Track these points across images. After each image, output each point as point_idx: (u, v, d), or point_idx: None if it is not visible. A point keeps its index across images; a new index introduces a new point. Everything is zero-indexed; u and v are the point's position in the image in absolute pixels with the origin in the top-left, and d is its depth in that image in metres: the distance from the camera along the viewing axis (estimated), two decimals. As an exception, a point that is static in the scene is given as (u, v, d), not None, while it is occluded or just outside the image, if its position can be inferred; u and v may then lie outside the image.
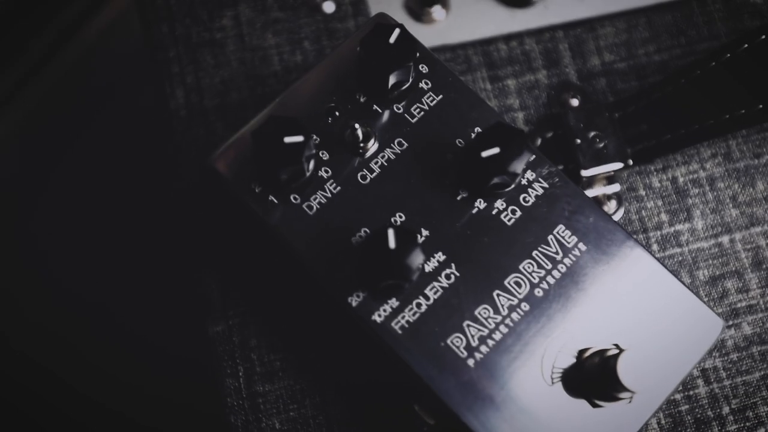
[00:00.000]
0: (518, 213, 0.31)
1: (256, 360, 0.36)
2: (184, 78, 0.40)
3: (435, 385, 0.29)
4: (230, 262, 0.37)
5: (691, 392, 0.36)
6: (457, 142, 0.32)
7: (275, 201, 0.31)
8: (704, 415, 0.36)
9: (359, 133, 0.31)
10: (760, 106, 0.33)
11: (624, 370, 0.27)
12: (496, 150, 0.29)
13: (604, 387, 0.28)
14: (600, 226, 0.31)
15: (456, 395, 0.29)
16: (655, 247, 0.39)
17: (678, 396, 0.36)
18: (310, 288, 0.32)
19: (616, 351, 0.28)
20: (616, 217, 0.39)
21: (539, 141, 0.40)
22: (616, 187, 0.39)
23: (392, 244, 0.27)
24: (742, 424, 0.36)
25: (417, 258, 0.28)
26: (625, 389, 0.26)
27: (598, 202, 0.39)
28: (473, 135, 0.32)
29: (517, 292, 0.30)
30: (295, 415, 0.35)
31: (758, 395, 0.36)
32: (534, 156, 0.32)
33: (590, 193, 0.39)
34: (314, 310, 0.35)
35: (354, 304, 0.29)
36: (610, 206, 0.39)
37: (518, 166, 0.29)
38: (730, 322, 0.38)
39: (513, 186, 0.31)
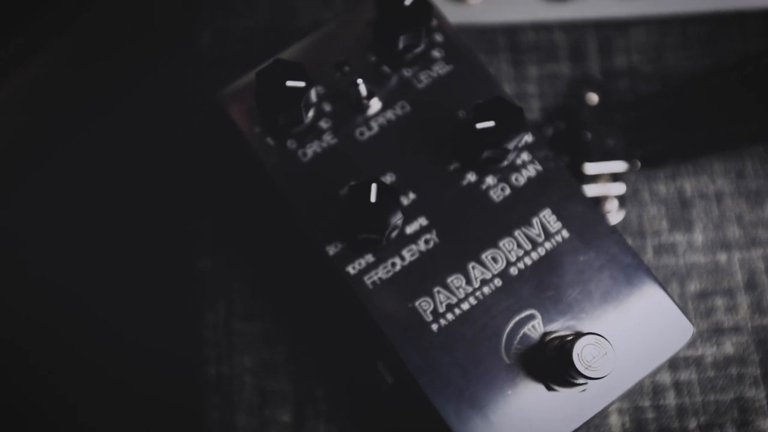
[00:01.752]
0: (507, 191, 0.31)
1: (238, 299, 0.37)
2: (213, 20, 0.40)
3: (396, 343, 0.29)
4: (226, 204, 0.38)
5: (661, 402, 0.36)
6: (459, 113, 0.32)
7: (272, 143, 0.31)
8: (669, 426, 0.36)
9: (362, 89, 0.31)
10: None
11: (581, 356, 0.27)
12: (491, 123, 0.29)
13: (559, 370, 0.28)
14: (587, 217, 0.31)
15: (415, 357, 0.29)
16: (650, 253, 0.39)
17: (646, 403, 0.36)
18: (295, 235, 0.32)
19: (577, 336, 0.28)
20: (617, 218, 0.39)
21: (551, 130, 0.40)
22: (620, 188, 0.39)
23: (373, 197, 0.28)
24: (707, 441, 0.36)
25: (395, 216, 0.28)
26: (579, 374, 0.27)
27: (600, 200, 0.39)
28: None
29: (493, 267, 0.30)
30: (266, 358, 0.36)
31: (728, 416, 0.36)
32: (533, 138, 0.32)
33: (593, 189, 0.39)
34: (300, 260, 0.36)
35: (331, 252, 0.30)
36: (612, 206, 0.39)
37: (512, 143, 0.29)
38: (714, 339, 0.37)
39: (506, 163, 0.31)
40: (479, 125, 0.29)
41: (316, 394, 0.36)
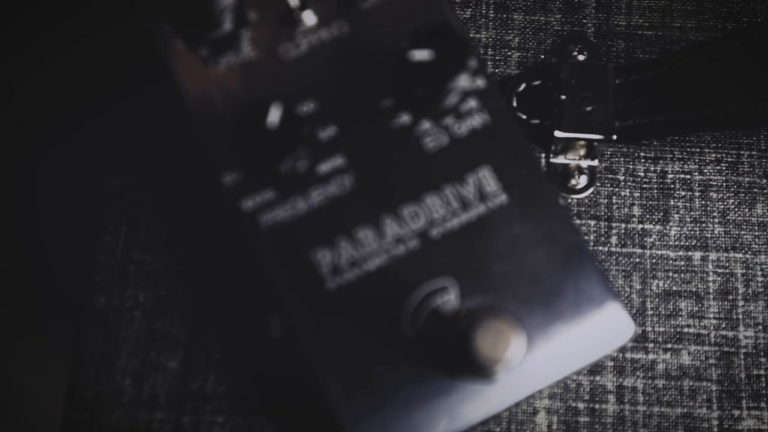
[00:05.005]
0: (445, 140, 0.27)
1: (143, 225, 0.33)
2: None
3: (284, 297, 0.25)
4: (144, 124, 0.33)
5: (598, 406, 0.32)
6: (402, 42, 0.27)
7: (183, 45, 0.27)
8: (603, 435, 0.32)
9: (292, -3, 0.27)
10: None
11: (487, 337, 0.22)
12: (427, 54, 0.24)
13: (465, 354, 0.23)
14: (532, 184, 0.27)
15: (304, 314, 0.25)
16: (614, 239, 0.34)
17: (581, 405, 0.32)
18: (197, 158, 0.28)
19: (489, 316, 0.23)
20: (583, 195, 0.34)
21: (523, 86, 0.35)
22: (593, 162, 0.34)
23: (273, 121, 0.24)
24: (642, 458, 0.32)
25: (298, 149, 0.24)
26: (478, 363, 0.22)
27: (568, 172, 0.34)
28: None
29: (412, 224, 0.26)
30: (163, 295, 0.32)
31: (672, 433, 0.32)
32: (486, 83, 0.27)
33: (562, 160, 0.34)
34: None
35: (226, 180, 0.26)
36: (580, 181, 0.34)
37: (452, 82, 0.25)
38: (669, 345, 0.33)
39: (448, 108, 0.26)
40: (414, 55, 0.24)
41: (211, 341, 0.32)
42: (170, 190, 0.33)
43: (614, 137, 0.33)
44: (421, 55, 0.24)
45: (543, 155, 0.34)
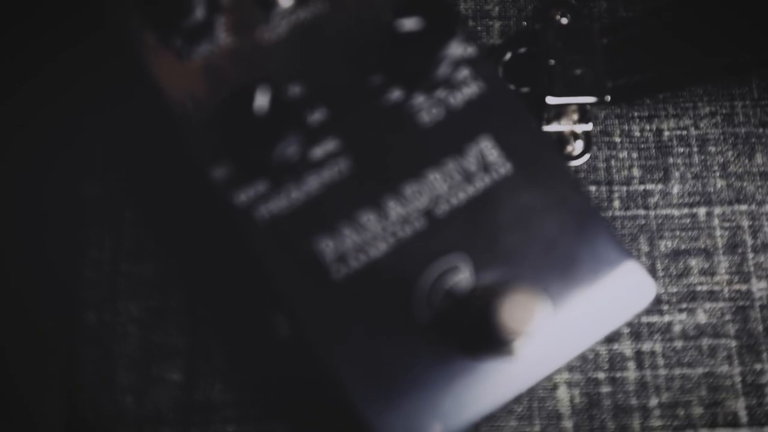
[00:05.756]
0: (441, 113, 0.25)
1: (128, 235, 0.31)
2: None
3: (288, 291, 0.24)
4: (118, 126, 0.32)
5: (618, 374, 0.31)
6: (386, 15, 0.26)
7: (156, 37, 0.25)
8: (627, 403, 0.31)
9: (266, -24, 0.25)
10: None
11: (512, 310, 0.21)
12: (415, 23, 0.23)
13: (484, 333, 0.22)
14: (536, 150, 0.25)
15: (311, 308, 0.24)
16: (616, 203, 0.33)
17: (601, 375, 0.31)
18: (182, 155, 0.26)
19: (508, 288, 0.22)
20: (580, 161, 0.33)
21: (509, 55, 0.34)
22: (587, 127, 0.33)
23: (260, 106, 0.22)
24: (668, 422, 0.31)
25: (288, 135, 0.23)
26: (503, 339, 0.21)
27: (563, 139, 0.33)
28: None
29: (416, 202, 0.25)
30: (156, 305, 0.31)
31: (695, 393, 0.31)
32: (477, 51, 0.26)
33: (556, 127, 0.33)
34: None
35: (215, 175, 0.24)
36: (576, 147, 0.33)
37: (444, 50, 0.24)
38: (684, 305, 0.32)
39: (440, 78, 0.25)
40: (401, 26, 0.23)
41: (213, 348, 0.30)
42: (153, 193, 0.31)
43: (608, 98, 0.32)
44: (408, 24, 0.23)
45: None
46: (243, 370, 0.30)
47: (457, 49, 0.24)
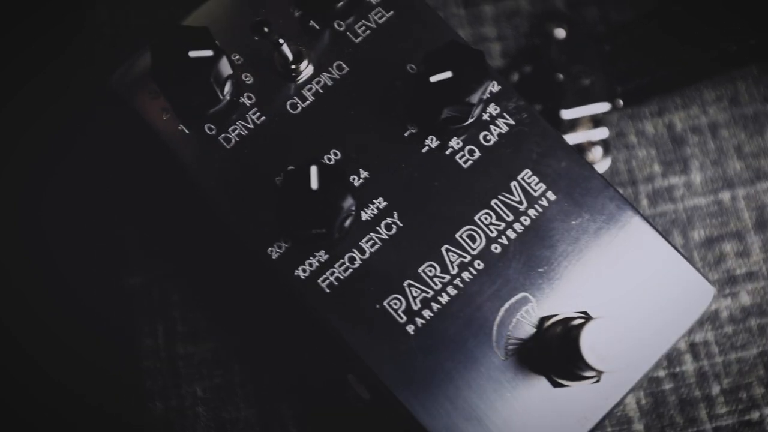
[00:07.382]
0: (477, 154, 0.26)
1: (178, 318, 0.31)
2: (109, -7, 0.34)
3: (366, 354, 0.24)
4: (151, 212, 0.32)
5: (678, 369, 0.32)
6: (408, 68, 0.27)
7: (186, 131, 0.26)
8: (691, 396, 0.31)
9: (287, 51, 0.25)
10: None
11: (589, 344, 0.22)
12: (447, 74, 0.23)
13: (565, 362, 0.23)
14: (574, 173, 0.26)
15: (391, 368, 0.24)
16: (644, 202, 0.34)
17: (662, 373, 0.32)
18: (229, 238, 0.27)
19: (582, 320, 0.23)
20: (602, 167, 0.34)
21: (516, 76, 0.34)
22: (603, 132, 0.34)
23: (314, 183, 0.22)
24: (733, 407, 0.31)
25: (346, 202, 0.23)
26: (589, 367, 0.22)
27: (582, 149, 0.34)
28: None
29: (471, 247, 0.25)
30: (220, 382, 0.31)
31: (754, 374, 0.32)
32: (499, 86, 0.27)
33: (573, 138, 0.34)
34: (243, 264, 0.30)
35: (274, 256, 0.25)
36: (596, 154, 0.34)
37: (475, 95, 0.24)
38: (727, 291, 0.33)
39: (471, 121, 0.26)
40: (434, 78, 0.24)
41: (283, 413, 0.30)
42: (197, 274, 0.31)
43: (621, 103, 0.32)
44: (441, 76, 0.23)
45: (553, 138, 0.34)
46: (318, 430, 0.30)
47: (484, 88, 0.24)
